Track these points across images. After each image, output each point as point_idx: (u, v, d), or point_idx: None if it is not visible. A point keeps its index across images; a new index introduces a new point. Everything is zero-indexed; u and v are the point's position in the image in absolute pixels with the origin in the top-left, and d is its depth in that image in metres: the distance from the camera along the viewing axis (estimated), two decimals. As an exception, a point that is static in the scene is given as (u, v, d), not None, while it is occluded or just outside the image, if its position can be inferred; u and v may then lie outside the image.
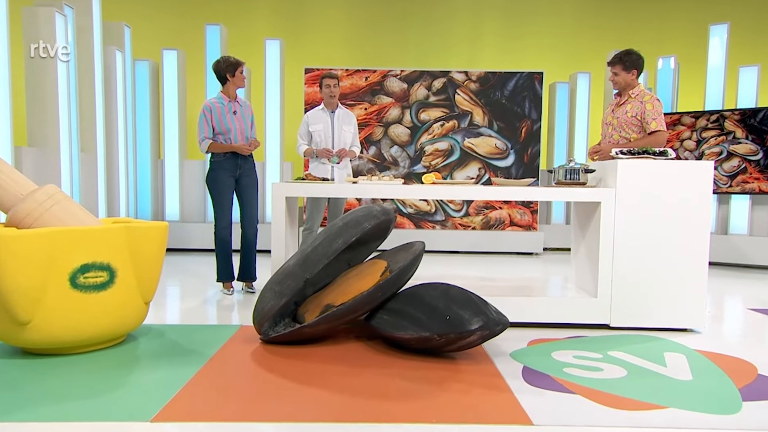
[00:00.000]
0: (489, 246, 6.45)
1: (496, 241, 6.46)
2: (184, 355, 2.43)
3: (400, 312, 2.55)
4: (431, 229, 6.51)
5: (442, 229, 6.53)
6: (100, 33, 5.19)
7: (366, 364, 2.38)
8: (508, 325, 2.35)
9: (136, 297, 2.50)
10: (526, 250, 6.47)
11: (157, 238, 2.55)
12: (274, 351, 2.52)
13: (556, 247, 6.76)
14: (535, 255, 6.46)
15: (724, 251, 5.75)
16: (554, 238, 6.69)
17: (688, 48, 6.99)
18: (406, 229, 6.48)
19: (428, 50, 7.42)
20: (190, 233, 6.11)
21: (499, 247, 6.46)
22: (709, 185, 2.94)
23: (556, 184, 3.11)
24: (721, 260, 5.75)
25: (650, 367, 2.40)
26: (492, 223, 6.57)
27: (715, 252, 5.73)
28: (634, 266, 2.96)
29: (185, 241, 6.11)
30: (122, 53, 5.54)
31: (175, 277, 4.72)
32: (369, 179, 3.20)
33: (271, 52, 6.14)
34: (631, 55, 3.42)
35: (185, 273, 4.86)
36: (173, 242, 6.09)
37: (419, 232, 6.46)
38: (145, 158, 6.14)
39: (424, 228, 6.52)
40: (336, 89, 4.16)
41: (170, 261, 5.47)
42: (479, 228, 6.56)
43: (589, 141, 6.65)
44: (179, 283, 4.43)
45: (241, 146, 3.75)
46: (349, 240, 2.59)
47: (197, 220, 6.24)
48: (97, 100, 5.14)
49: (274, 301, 2.55)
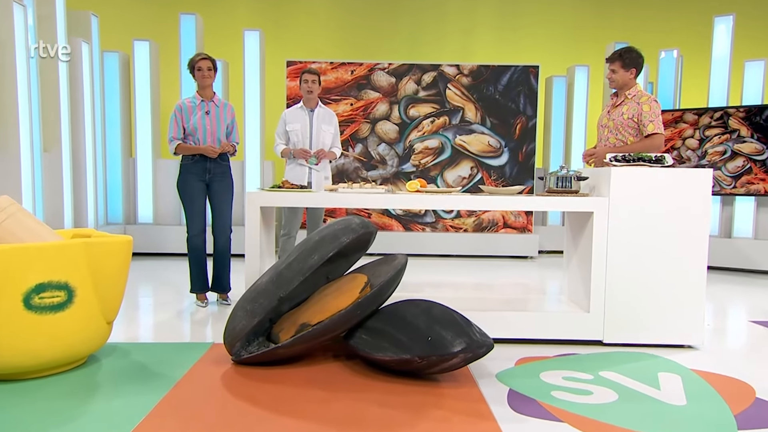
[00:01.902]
0: (482, 249, 6.46)
1: (489, 244, 6.47)
2: (148, 380, 2.40)
3: (380, 332, 2.53)
4: (421, 232, 6.50)
5: (433, 231, 6.52)
6: (65, 23, 5.11)
7: (342, 387, 2.36)
8: (492, 347, 2.35)
9: (98, 317, 2.46)
10: (521, 254, 6.48)
11: (120, 253, 2.52)
12: (246, 373, 2.50)
13: (552, 250, 6.77)
14: (530, 259, 6.47)
15: (727, 256, 5.79)
16: (550, 240, 6.71)
17: (692, 41, 7.01)
18: (394, 232, 6.47)
19: (419, 42, 7.39)
20: (165, 237, 6.06)
21: (492, 251, 6.46)
22: (708, 194, 2.95)
23: (548, 192, 3.11)
24: (724, 265, 5.79)
25: (643, 389, 2.41)
26: (485, 225, 6.57)
27: (719, 256, 5.77)
28: (628, 279, 2.97)
29: (159, 245, 6.06)
30: (89, 45, 5.46)
31: (147, 285, 4.68)
32: (349, 186, 3.17)
33: (251, 44, 6.09)
34: (631, 53, 3.42)
35: (158, 281, 4.81)
36: (147, 247, 6.05)
37: (408, 234, 6.45)
38: (115, 157, 6.08)
39: (414, 230, 6.51)
40: (315, 86, 4.12)
41: (143, 267, 5.43)
42: (471, 230, 6.56)
43: (587, 138, 6.66)
44: (151, 293, 4.39)
45: (207, 148, 3.69)
46: (326, 256, 2.57)
47: (172, 222, 6.20)
48: (61, 96, 5.07)
49: (246, 321, 2.53)
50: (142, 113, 6.07)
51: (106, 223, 6.00)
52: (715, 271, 5.73)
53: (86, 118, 5.42)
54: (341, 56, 7.01)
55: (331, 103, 6.40)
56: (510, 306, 3.23)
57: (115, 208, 6.11)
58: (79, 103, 5.34)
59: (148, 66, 6.03)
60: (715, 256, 5.76)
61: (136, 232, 6.06)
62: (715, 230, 5.98)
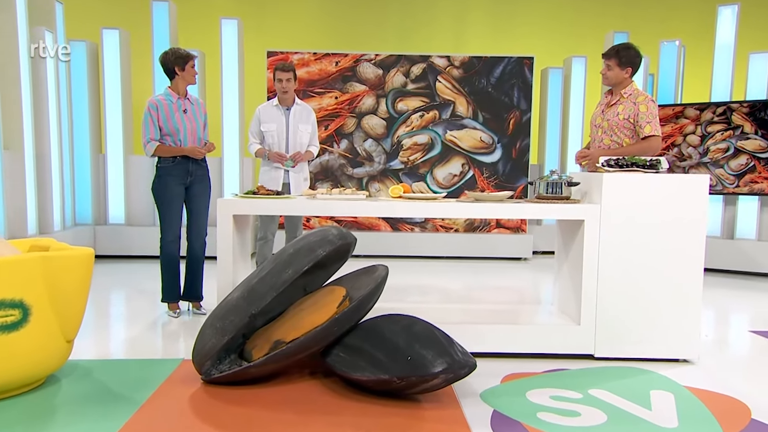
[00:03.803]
0: (473, 250, 6.46)
1: (481, 245, 6.48)
2: (111, 402, 2.38)
3: (358, 350, 2.53)
4: (409, 232, 6.49)
5: (422, 231, 6.52)
6: (26, 11, 5.03)
7: (317, 409, 2.35)
8: (474, 367, 2.35)
9: (56, 336, 2.44)
10: (514, 255, 6.50)
11: (80, 267, 2.49)
12: (216, 394, 2.49)
13: (547, 251, 6.79)
14: (524, 260, 6.49)
15: (729, 257, 5.83)
16: (545, 240, 6.71)
17: (694, 32, 7.02)
18: (381, 232, 6.46)
19: (408, 31, 7.35)
20: (138, 239, 6.02)
21: (484, 252, 6.47)
22: (705, 201, 2.96)
23: (537, 198, 3.11)
24: (726, 267, 5.83)
25: (633, 410, 2.42)
26: (477, 224, 6.58)
27: (720, 258, 5.81)
28: (621, 291, 2.98)
29: (131, 247, 6.02)
30: (53, 34, 5.37)
31: (117, 292, 4.65)
32: (328, 192, 3.16)
33: (228, 33, 6.03)
34: (629, 50, 3.40)
35: (128, 287, 4.78)
36: (118, 249, 6.00)
37: (396, 235, 6.44)
38: (83, 154, 6.01)
39: (402, 230, 6.50)
40: (291, 84, 4.06)
41: (114, 270, 5.39)
42: (462, 230, 6.57)
43: (584, 134, 6.66)
44: (120, 301, 4.37)
45: (193, 149, 3.67)
46: (301, 270, 2.55)
47: (145, 223, 6.15)
48: (23, 90, 4.99)
49: (215, 340, 2.51)
50: (112, 107, 6.00)
51: (74, 224, 5.94)
52: (717, 273, 5.77)
53: (51, 113, 5.34)
54: (325, 46, 6.95)
55: (314, 96, 6.36)
56: (498, 318, 3.23)
57: (83, 208, 6.05)
58: (42, 97, 5.26)
59: (118, 56, 5.95)
60: (717, 258, 5.80)
61: (106, 233, 6.01)
62: (716, 231, 6.02)
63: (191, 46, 6.21)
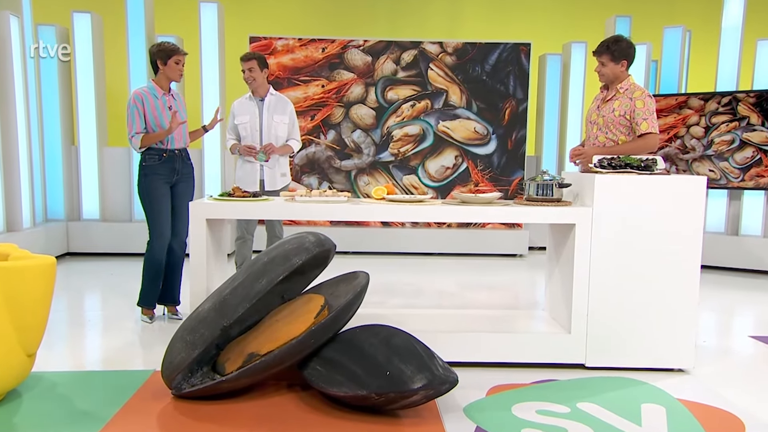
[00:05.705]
0: (467, 246, 6.47)
1: (475, 241, 6.48)
2: (75, 420, 2.38)
3: (335, 363, 2.53)
4: (400, 228, 6.48)
5: (413, 227, 6.51)
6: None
7: (293, 426, 2.36)
8: (456, 383, 2.35)
9: (15, 351, 2.42)
10: (509, 252, 6.51)
11: (42, 278, 2.47)
12: (186, 410, 2.48)
13: (543, 246, 6.79)
14: (519, 257, 6.50)
15: (734, 255, 5.85)
16: (541, 236, 6.72)
17: (700, 16, 6.98)
18: (371, 228, 6.45)
19: (399, 14, 7.29)
20: (113, 235, 5.99)
21: (478, 248, 6.48)
22: (701, 204, 2.95)
23: (527, 200, 3.10)
24: (730, 265, 5.85)
25: (622, 425, 2.43)
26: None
27: (724, 255, 5.83)
28: (613, 298, 2.98)
29: (106, 244, 6.00)
30: (19, 18, 5.30)
31: (90, 294, 4.63)
32: (308, 194, 3.14)
33: (208, 17, 5.97)
34: (620, 43, 3.39)
35: (102, 289, 4.76)
36: (92, 246, 5.98)
37: (386, 231, 6.43)
38: (55, 146, 5.96)
39: (393, 227, 6.49)
40: (256, 73, 3.98)
41: (88, 269, 5.37)
42: (456, 226, 6.56)
43: (583, 125, 6.64)
44: (92, 304, 4.35)
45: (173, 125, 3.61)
46: (275, 280, 2.54)
47: (121, 218, 6.12)
48: (-12, 79, 4.94)
49: (185, 354, 2.50)
50: (84, 96, 5.94)
51: (45, 220, 5.91)
52: (720, 271, 5.79)
53: (18, 104, 5.28)
54: (311, 32, 6.89)
55: (299, 84, 6.31)
56: (486, 325, 3.23)
57: (55, 202, 6.01)
58: (8, 85, 5.20)
59: (91, 42, 5.88)
60: (721, 255, 5.82)
61: (79, 229, 5.98)
62: (721, 227, 6.04)
63: (169, 31, 6.17)
